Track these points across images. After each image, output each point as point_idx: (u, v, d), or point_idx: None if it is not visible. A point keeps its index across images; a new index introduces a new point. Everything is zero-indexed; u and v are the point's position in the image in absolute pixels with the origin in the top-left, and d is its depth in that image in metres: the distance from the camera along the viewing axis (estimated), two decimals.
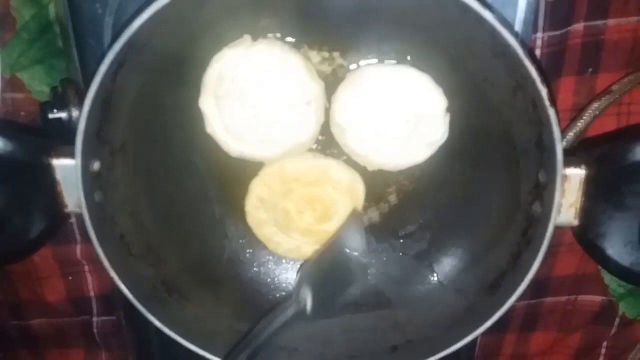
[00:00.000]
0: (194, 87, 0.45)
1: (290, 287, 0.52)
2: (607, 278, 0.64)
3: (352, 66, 0.47)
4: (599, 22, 0.54)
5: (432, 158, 0.46)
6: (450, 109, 0.44)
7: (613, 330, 0.67)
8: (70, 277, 0.63)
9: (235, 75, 0.43)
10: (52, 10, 0.54)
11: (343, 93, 0.45)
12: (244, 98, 0.44)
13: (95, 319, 0.66)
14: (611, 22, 0.54)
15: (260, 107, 0.44)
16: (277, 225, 0.49)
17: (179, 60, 0.43)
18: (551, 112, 0.37)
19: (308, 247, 0.49)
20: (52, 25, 0.55)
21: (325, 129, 0.47)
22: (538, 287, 0.64)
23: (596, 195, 0.41)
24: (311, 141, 0.46)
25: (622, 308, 0.66)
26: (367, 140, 0.45)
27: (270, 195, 0.48)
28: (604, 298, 0.65)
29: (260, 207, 0.48)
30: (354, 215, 0.48)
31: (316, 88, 0.44)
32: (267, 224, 0.49)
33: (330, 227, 0.48)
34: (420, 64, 0.44)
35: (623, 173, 0.41)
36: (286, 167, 0.47)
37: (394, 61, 0.45)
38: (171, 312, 0.45)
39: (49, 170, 0.42)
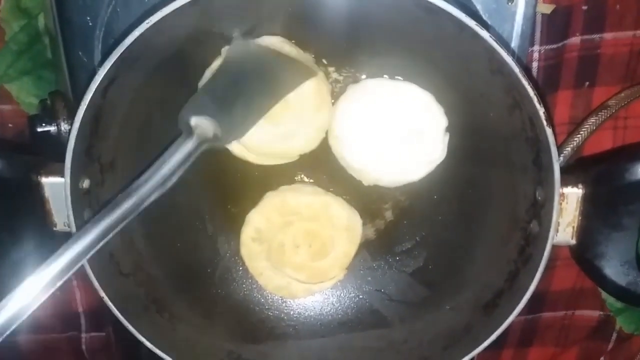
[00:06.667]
0: (186, 101, 0.44)
1: (284, 306, 0.51)
2: (605, 293, 0.64)
3: (347, 81, 0.46)
4: (595, 36, 0.53)
5: (429, 174, 0.45)
6: (448, 128, 0.44)
7: (610, 346, 0.67)
8: (58, 292, 0.62)
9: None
10: (41, 21, 0.53)
11: (343, 105, 0.44)
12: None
13: (83, 335, 0.65)
14: (607, 36, 0.53)
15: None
16: (270, 260, 0.48)
17: (170, 75, 0.43)
18: (549, 131, 0.36)
19: (298, 286, 0.49)
20: (41, 37, 0.54)
21: (326, 165, 0.47)
22: (535, 302, 0.63)
23: (593, 215, 0.41)
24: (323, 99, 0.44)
25: (620, 323, 0.65)
26: (364, 155, 0.45)
27: (267, 227, 0.47)
28: (602, 313, 0.65)
29: (256, 239, 0.48)
30: None
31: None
32: (260, 257, 0.48)
33: (324, 264, 0.48)
34: (416, 81, 0.44)
35: (620, 192, 0.40)
36: (287, 200, 0.47)
37: (388, 77, 0.45)
38: (162, 332, 0.44)
39: (37, 188, 0.41)
